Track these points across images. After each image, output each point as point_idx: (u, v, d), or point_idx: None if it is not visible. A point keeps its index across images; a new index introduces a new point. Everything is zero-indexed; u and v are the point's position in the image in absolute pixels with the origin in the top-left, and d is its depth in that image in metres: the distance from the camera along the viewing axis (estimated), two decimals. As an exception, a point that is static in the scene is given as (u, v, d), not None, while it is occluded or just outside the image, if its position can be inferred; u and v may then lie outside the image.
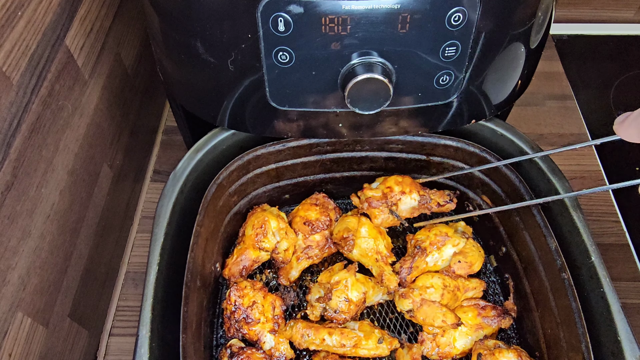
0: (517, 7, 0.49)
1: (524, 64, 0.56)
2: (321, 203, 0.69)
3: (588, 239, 0.55)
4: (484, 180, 0.66)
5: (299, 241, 0.67)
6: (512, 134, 0.64)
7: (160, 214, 0.56)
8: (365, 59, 0.48)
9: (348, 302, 0.60)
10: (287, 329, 0.60)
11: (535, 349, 0.59)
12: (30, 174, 0.51)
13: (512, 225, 0.64)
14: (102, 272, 0.70)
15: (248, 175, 0.66)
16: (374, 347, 0.58)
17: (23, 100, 0.49)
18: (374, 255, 0.64)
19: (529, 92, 0.68)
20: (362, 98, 0.50)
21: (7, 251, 0.48)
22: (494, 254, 0.69)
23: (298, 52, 0.48)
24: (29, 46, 0.50)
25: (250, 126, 0.58)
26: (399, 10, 0.45)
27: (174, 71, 0.57)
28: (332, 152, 0.67)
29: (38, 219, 0.53)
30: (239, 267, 0.64)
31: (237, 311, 0.60)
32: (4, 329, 0.48)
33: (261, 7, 0.45)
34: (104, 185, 0.69)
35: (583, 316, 0.51)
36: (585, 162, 0.87)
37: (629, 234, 0.79)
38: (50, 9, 0.53)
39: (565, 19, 1.11)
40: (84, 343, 0.65)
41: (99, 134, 0.66)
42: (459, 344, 0.60)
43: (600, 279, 0.53)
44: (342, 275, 0.61)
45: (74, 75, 0.59)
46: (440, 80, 0.52)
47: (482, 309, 0.62)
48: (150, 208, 0.82)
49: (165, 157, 0.88)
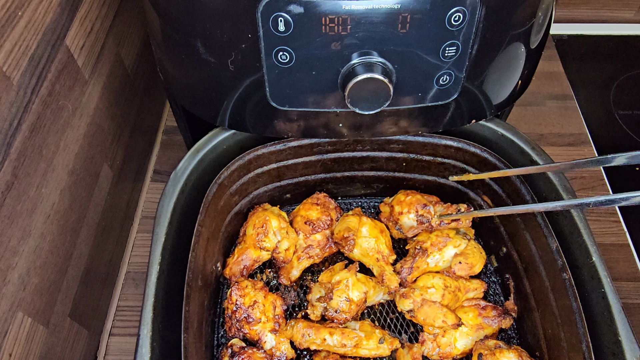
0: (517, 7, 0.49)
1: (524, 64, 0.56)
2: (322, 203, 0.69)
3: (589, 239, 0.55)
4: (484, 180, 0.66)
5: (299, 241, 0.67)
6: (513, 134, 0.64)
7: (161, 214, 0.56)
8: (365, 58, 0.48)
9: (349, 302, 0.60)
10: (287, 329, 0.60)
11: (536, 349, 0.59)
12: (31, 174, 0.51)
13: (512, 226, 0.64)
14: (102, 272, 0.70)
15: (249, 174, 0.66)
16: (374, 347, 0.58)
17: (23, 100, 0.49)
18: (375, 254, 0.64)
19: (529, 92, 0.68)
20: (362, 98, 0.50)
21: (7, 251, 0.48)
22: (495, 254, 0.69)
23: (298, 52, 0.48)
24: (29, 46, 0.49)
25: (250, 126, 0.58)
26: (399, 10, 0.45)
27: (174, 71, 0.57)
28: (333, 151, 0.67)
29: (38, 219, 0.53)
30: (240, 266, 0.64)
31: (238, 311, 0.60)
32: (4, 329, 0.48)
33: (261, 7, 0.45)
34: (104, 185, 0.69)
35: (584, 316, 0.51)
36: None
37: (629, 234, 0.79)
38: (51, 9, 0.53)
39: (565, 19, 1.11)
40: (84, 343, 0.65)
41: (99, 134, 0.66)
42: (459, 344, 0.60)
43: (601, 279, 0.53)
44: (343, 275, 0.61)
45: (74, 75, 0.59)
46: (441, 80, 0.52)
47: (482, 309, 0.62)
48: (150, 208, 0.82)
49: (165, 157, 0.88)
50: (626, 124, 0.94)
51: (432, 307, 0.59)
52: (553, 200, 0.59)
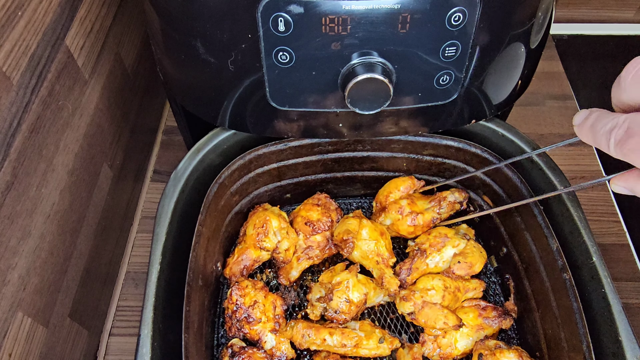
0: (517, 7, 0.48)
1: (524, 64, 0.56)
2: (323, 203, 0.69)
3: (589, 239, 0.55)
4: (485, 181, 0.66)
5: (299, 241, 0.67)
6: (513, 134, 0.64)
7: (161, 214, 0.56)
8: (365, 59, 0.48)
9: (349, 303, 0.60)
10: (287, 329, 0.60)
11: (536, 350, 0.59)
12: (30, 174, 0.51)
13: (513, 226, 0.64)
14: (102, 272, 0.70)
15: (250, 174, 0.66)
16: (374, 346, 0.58)
17: (23, 100, 0.49)
18: (375, 257, 0.64)
19: (529, 92, 0.68)
20: (362, 98, 0.50)
21: (7, 251, 0.48)
22: (495, 255, 0.69)
23: (298, 52, 0.48)
24: (29, 46, 0.49)
25: (250, 126, 0.58)
26: (399, 10, 0.45)
27: (174, 71, 0.57)
28: (334, 151, 0.67)
29: (38, 219, 0.53)
30: (240, 266, 0.64)
31: (238, 310, 0.60)
32: (4, 329, 0.48)
33: (261, 7, 0.45)
34: (104, 185, 0.69)
35: (584, 316, 0.51)
36: (586, 162, 0.87)
37: (629, 234, 0.79)
38: (50, 9, 0.53)
39: (565, 19, 1.11)
40: (84, 343, 0.65)
41: (99, 134, 0.66)
42: (460, 345, 0.60)
43: (601, 279, 0.53)
44: (344, 276, 0.61)
45: (74, 75, 0.58)
46: (441, 80, 0.52)
47: (482, 310, 0.62)
48: (150, 208, 0.82)
49: (165, 157, 0.88)
50: (626, 124, 0.94)
51: (432, 309, 0.59)
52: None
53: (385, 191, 0.69)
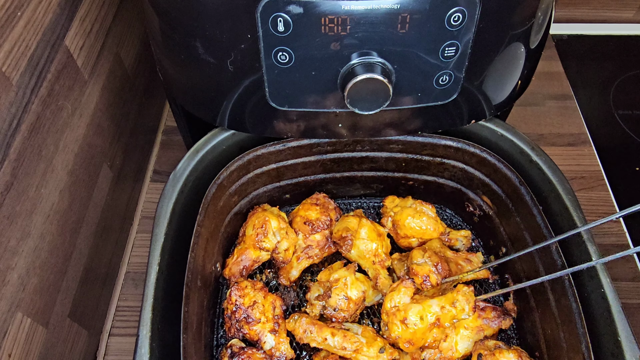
0: (517, 7, 0.48)
1: (524, 64, 0.56)
2: (321, 203, 0.69)
3: (589, 239, 0.55)
4: (484, 180, 0.66)
5: (299, 241, 0.67)
6: (512, 134, 0.64)
7: (160, 214, 0.56)
8: (364, 59, 0.48)
9: (347, 300, 0.60)
10: (290, 322, 0.60)
11: (536, 349, 0.59)
12: (30, 174, 0.51)
13: (512, 226, 0.64)
14: (102, 272, 0.70)
15: (248, 175, 0.66)
16: (374, 355, 0.57)
17: (23, 100, 0.49)
18: (371, 257, 0.64)
19: (529, 92, 0.68)
20: (361, 98, 0.50)
21: (6, 251, 0.48)
22: (495, 255, 0.69)
23: (298, 52, 0.48)
24: (28, 46, 0.49)
25: (250, 126, 0.58)
26: (398, 10, 0.45)
27: (173, 71, 0.57)
28: (333, 152, 0.67)
29: (38, 219, 0.53)
30: (239, 267, 0.64)
31: (237, 311, 0.60)
32: (3, 329, 0.48)
33: (261, 7, 0.45)
34: (104, 185, 0.69)
35: (583, 316, 0.51)
36: (586, 162, 0.87)
37: (629, 234, 0.79)
38: (50, 9, 0.53)
39: (565, 19, 1.11)
40: (83, 343, 0.65)
41: (99, 134, 0.66)
42: (460, 347, 0.60)
43: (600, 279, 0.52)
44: (342, 274, 0.61)
45: (73, 75, 0.58)
46: (440, 80, 0.52)
47: (482, 310, 0.62)
48: (150, 208, 0.82)
49: (165, 157, 0.88)
50: (626, 124, 0.94)
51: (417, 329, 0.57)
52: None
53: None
